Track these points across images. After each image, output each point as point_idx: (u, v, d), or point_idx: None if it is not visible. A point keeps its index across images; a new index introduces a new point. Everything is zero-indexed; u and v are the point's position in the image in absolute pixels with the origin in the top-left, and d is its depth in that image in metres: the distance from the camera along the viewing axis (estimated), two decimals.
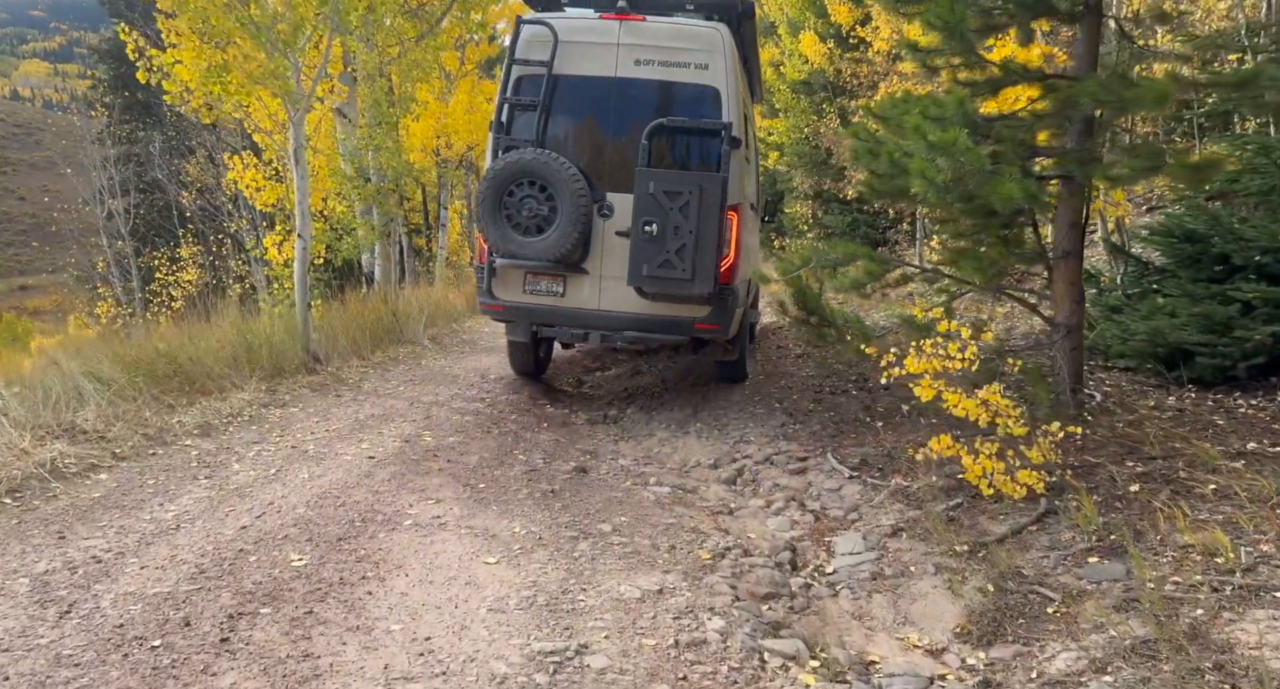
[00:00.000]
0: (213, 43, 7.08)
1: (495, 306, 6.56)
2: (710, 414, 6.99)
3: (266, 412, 6.41)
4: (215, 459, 5.15)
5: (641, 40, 6.20)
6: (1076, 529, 3.64)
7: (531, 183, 6.05)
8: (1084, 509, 3.64)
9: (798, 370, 8.37)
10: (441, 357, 9.58)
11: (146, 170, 19.48)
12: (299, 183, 8.05)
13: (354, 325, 9.57)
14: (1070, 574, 3.31)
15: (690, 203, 5.83)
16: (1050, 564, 3.43)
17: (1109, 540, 3.46)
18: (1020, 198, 4.12)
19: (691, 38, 6.20)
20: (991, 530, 3.85)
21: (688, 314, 6.22)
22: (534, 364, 7.81)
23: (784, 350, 9.71)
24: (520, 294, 6.47)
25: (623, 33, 6.22)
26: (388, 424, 6.13)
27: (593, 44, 6.25)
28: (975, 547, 3.68)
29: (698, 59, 6.15)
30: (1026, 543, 3.65)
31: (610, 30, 6.24)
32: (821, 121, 17.05)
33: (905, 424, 5.84)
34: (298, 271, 8.16)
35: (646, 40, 6.20)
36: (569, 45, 6.24)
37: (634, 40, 6.20)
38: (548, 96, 6.23)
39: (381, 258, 12.20)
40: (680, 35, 6.22)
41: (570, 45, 6.24)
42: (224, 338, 7.25)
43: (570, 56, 6.24)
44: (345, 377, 7.98)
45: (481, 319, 12.98)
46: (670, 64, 6.17)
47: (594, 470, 5.37)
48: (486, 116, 20.08)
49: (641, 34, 6.21)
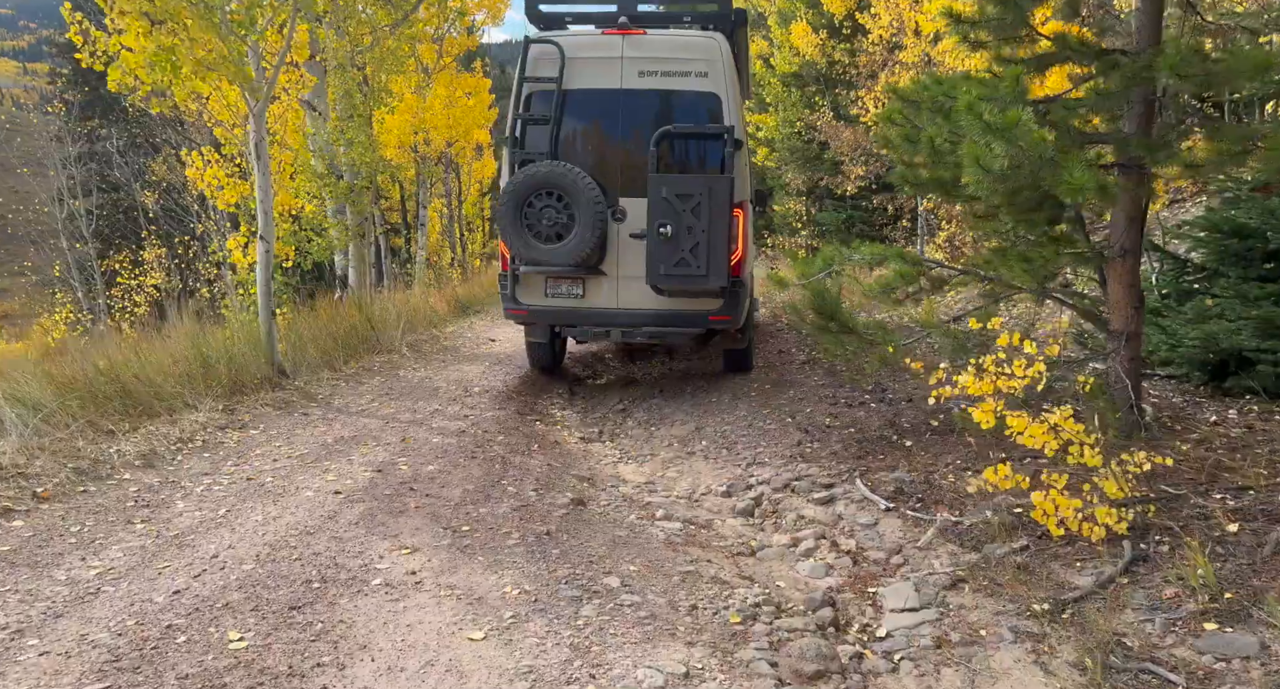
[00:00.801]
0: (159, 24, 6.37)
1: (520, 311, 6.94)
2: (716, 430, 6.37)
3: (222, 435, 5.72)
4: (156, 496, 4.47)
5: (644, 52, 6.54)
6: (1179, 583, 3.04)
7: (549, 193, 6.38)
8: (1189, 559, 3.04)
9: (806, 378, 7.77)
10: (421, 366, 8.90)
11: (109, 169, 18.59)
12: (260, 180, 7.35)
13: (325, 334, 8.87)
14: (1187, 646, 2.71)
15: (701, 204, 6.16)
16: (1157, 631, 2.83)
17: (1224, 600, 2.86)
18: (1092, 188, 3.52)
19: (691, 48, 6.54)
20: (1072, 582, 3.24)
21: (702, 307, 6.62)
22: (551, 359, 8.26)
23: (787, 356, 9.11)
24: (542, 298, 6.86)
25: (626, 46, 6.56)
26: (358, 449, 5.47)
27: (598, 58, 6.58)
28: (1058, 605, 3.08)
29: (698, 67, 6.49)
30: (1119, 600, 3.05)
31: (614, 45, 6.58)
32: (815, 114, 16.48)
33: (938, 443, 5.24)
34: (260, 277, 7.46)
35: (648, 52, 6.54)
36: (576, 61, 6.58)
37: (637, 53, 6.54)
38: (558, 110, 6.55)
39: (355, 260, 11.48)
40: (680, 46, 6.57)
41: (577, 61, 6.58)
42: (177, 352, 6.54)
43: (577, 71, 6.58)
44: (314, 392, 7.29)
45: (463, 324, 12.30)
46: (672, 73, 6.52)
47: (593, 502, 4.73)
48: (466, 111, 19.40)
49: (643, 47, 6.56)
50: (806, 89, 17.64)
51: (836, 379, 7.56)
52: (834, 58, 16.38)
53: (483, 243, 31.25)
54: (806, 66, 17.53)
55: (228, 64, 6.43)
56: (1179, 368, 5.71)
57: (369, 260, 11.50)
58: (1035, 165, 3.63)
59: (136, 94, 6.94)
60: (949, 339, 4.91)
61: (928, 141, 4.07)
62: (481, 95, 20.77)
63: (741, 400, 7.13)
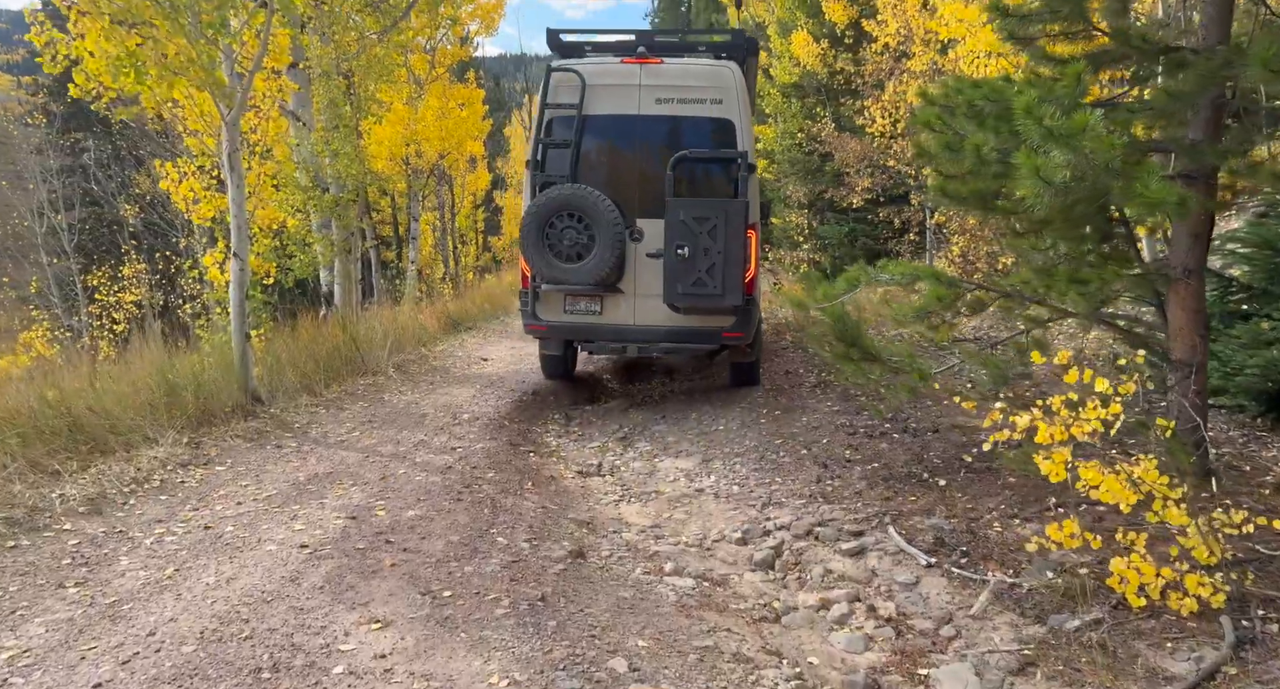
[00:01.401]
0: (122, 24, 5.88)
1: (539, 327, 7.21)
2: (725, 463, 5.86)
3: (184, 474, 5.19)
4: (98, 551, 3.93)
5: (661, 80, 6.79)
6: None
7: (570, 215, 6.62)
8: None
9: (818, 403, 7.27)
10: (408, 389, 8.38)
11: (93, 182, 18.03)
12: (234, 193, 6.84)
13: (305, 356, 8.34)
14: None
15: (717, 226, 6.41)
16: None
17: None
18: (1172, 202, 3.04)
19: (706, 76, 6.78)
20: (1167, 669, 2.74)
21: (716, 324, 6.85)
22: (564, 370, 8.57)
23: (796, 378, 8.61)
24: (561, 314, 7.11)
25: (643, 75, 6.80)
26: (333, 489, 4.94)
27: (617, 86, 6.82)
28: None
29: (712, 95, 6.73)
30: None
31: (632, 73, 6.81)
32: (816, 125, 16.08)
33: (974, 483, 4.73)
34: (234, 297, 6.95)
35: (665, 80, 6.79)
36: (595, 88, 6.81)
37: (654, 81, 6.79)
38: (578, 135, 6.79)
39: (341, 276, 10.97)
40: (695, 74, 6.81)
41: (596, 88, 6.81)
42: (139, 379, 6.01)
43: (597, 98, 6.81)
44: (290, 420, 6.77)
45: (454, 342, 11.78)
46: (688, 101, 6.77)
47: (593, 553, 4.21)
48: (459, 123, 18.93)
49: (660, 75, 6.79)
50: (807, 100, 17.23)
51: (852, 405, 7.05)
52: (836, 68, 15.98)
53: (476, 256, 30.76)
54: (807, 77, 17.13)
55: (196, 68, 5.94)
56: (1233, 398, 5.23)
57: (355, 276, 11.00)
58: (1101, 176, 3.14)
59: (100, 100, 6.43)
60: (988, 367, 4.41)
61: (972, 150, 3.59)
62: (475, 106, 20.33)
63: (751, 429, 6.62)
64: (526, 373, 9.55)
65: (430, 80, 18.87)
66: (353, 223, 10.62)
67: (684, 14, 51.94)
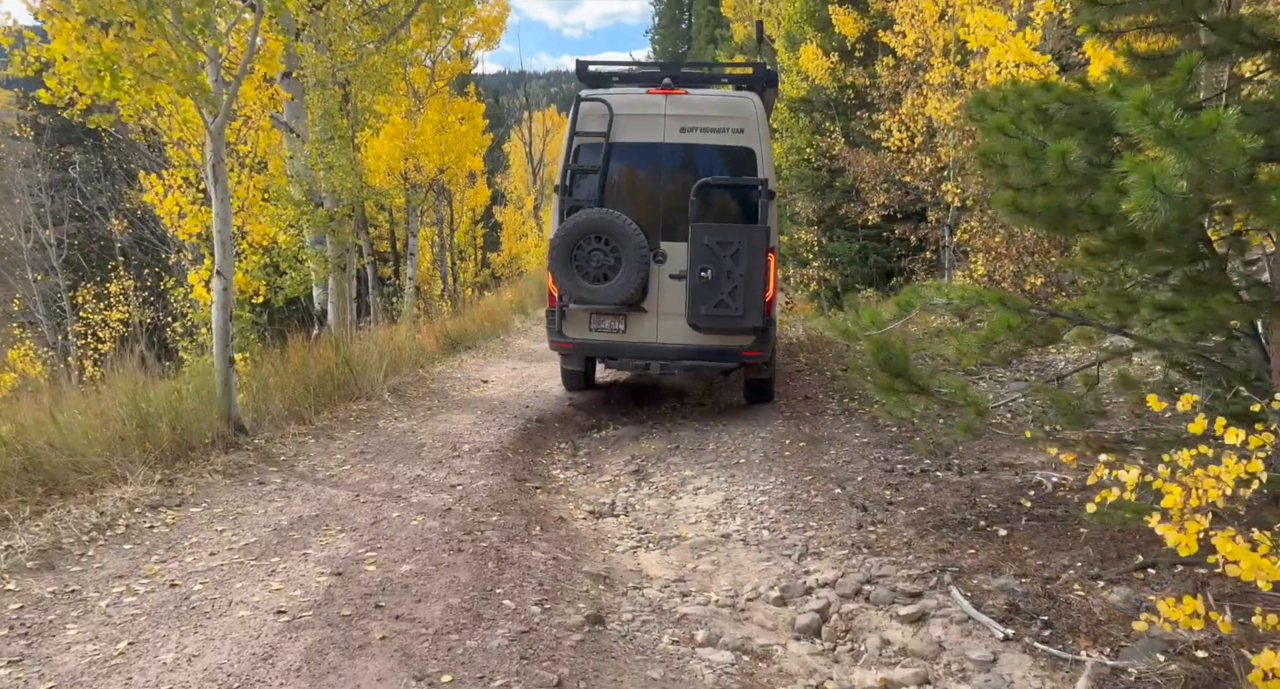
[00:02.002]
0: (96, 23, 5.41)
1: (565, 344, 7.44)
2: (750, 501, 5.34)
3: (153, 517, 4.66)
4: (44, 618, 3.40)
5: (685, 110, 7.03)
6: None
7: (598, 238, 6.85)
8: None
9: (846, 434, 6.76)
10: (404, 415, 7.87)
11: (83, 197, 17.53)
12: (218, 207, 6.35)
13: (295, 380, 7.82)
14: None
15: (740, 250, 6.65)
16: None
17: None
18: None
19: (728, 107, 7.00)
20: None
21: (736, 343, 7.06)
22: (583, 382, 8.78)
23: (816, 404, 8.10)
24: (587, 332, 7.33)
25: (669, 105, 7.05)
26: (319, 535, 4.41)
27: (643, 115, 7.07)
28: None
29: (734, 125, 6.94)
30: None
31: (658, 103, 7.07)
32: (825, 141, 15.68)
33: (1040, 533, 4.21)
34: (217, 319, 6.44)
35: (689, 110, 7.03)
36: (623, 117, 7.07)
37: (679, 111, 7.04)
38: (605, 161, 7.07)
39: (336, 294, 10.47)
40: (718, 105, 7.04)
41: (624, 117, 7.07)
42: (109, 409, 5.49)
43: (624, 126, 7.07)
44: (276, 452, 6.24)
45: (453, 363, 11.27)
46: (711, 130, 6.99)
47: (613, 617, 3.68)
48: (459, 137, 18.51)
49: (685, 105, 7.05)
50: (815, 115, 16.83)
51: (883, 436, 6.55)
52: (846, 82, 15.58)
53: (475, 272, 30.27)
54: (815, 91, 16.74)
55: (176, 71, 5.46)
56: None
57: (350, 294, 10.50)
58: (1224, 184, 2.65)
59: (74, 107, 5.95)
60: (1059, 405, 3.90)
61: (1057, 158, 3.11)
62: (475, 120, 19.92)
63: (775, 463, 6.11)
64: (529, 396, 9.04)
65: (430, 94, 18.48)
66: (348, 238, 10.14)
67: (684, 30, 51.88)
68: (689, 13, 50.44)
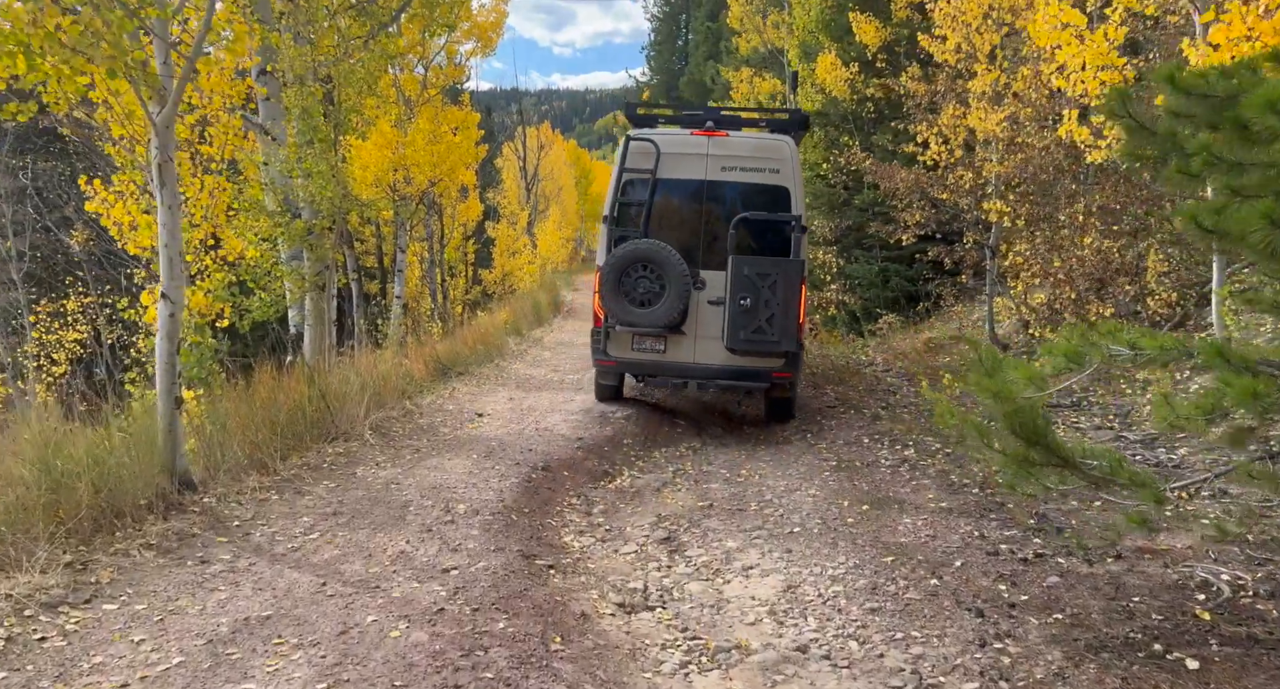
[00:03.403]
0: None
1: (609, 363, 7.94)
2: (820, 589, 4.25)
3: (49, 621, 3.52)
4: None
5: (726, 151, 7.61)
6: None
7: (644, 266, 7.37)
8: None
9: (914, 495, 5.68)
10: (387, 459, 6.76)
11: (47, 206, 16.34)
12: (163, 214, 5.25)
13: (260, 418, 6.69)
14: None
15: (777, 281, 7.15)
16: None
17: None
18: None
19: (766, 149, 7.62)
20: None
21: (768, 365, 7.54)
22: (616, 393, 8.92)
23: (865, 451, 7.02)
24: (629, 352, 7.85)
25: (711, 146, 7.64)
26: (266, 655, 3.28)
27: (687, 155, 7.65)
28: None
29: (771, 165, 7.56)
30: None
31: (701, 144, 7.67)
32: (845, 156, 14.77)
33: (1248, 665, 3.12)
34: (160, 350, 5.32)
35: (730, 151, 7.61)
36: (668, 156, 7.63)
37: (720, 152, 7.61)
38: (651, 196, 7.61)
39: (312, 316, 9.33)
40: (756, 147, 7.65)
41: (669, 156, 7.63)
42: (11, 471, 4.34)
43: (669, 164, 7.63)
44: (229, 514, 5.11)
45: (443, 392, 10.12)
46: (749, 169, 7.58)
47: None
48: (452, 148, 17.45)
49: (726, 146, 7.64)
50: (830, 129, 15.89)
51: (962, 498, 5.48)
52: (866, 94, 14.66)
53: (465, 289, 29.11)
54: (830, 104, 15.81)
55: (106, 45, 4.37)
56: None
57: (330, 316, 9.37)
58: None
59: None
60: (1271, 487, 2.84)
61: None
62: (469, 131, 18.86)
63: (839, 533, 5.03)
64: (531, 435, 7.93)
65: (421, 101, 17.46)
66: (327, 254, 9.04)
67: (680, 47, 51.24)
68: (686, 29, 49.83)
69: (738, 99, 20.91)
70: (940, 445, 6.67)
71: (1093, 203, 7.73)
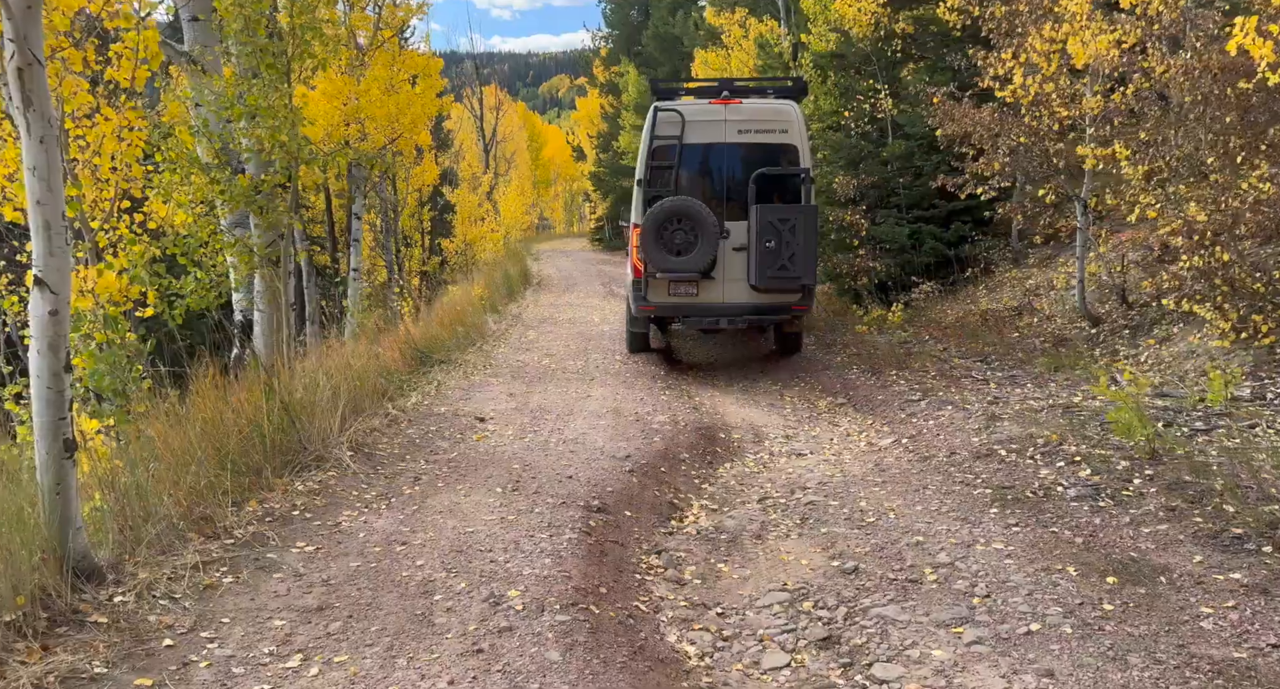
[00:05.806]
0: None
1: (649, 307, 8.99)
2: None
3: None
4: None
5: (741, 117, 8.78)
6: None
7: (679, 220, 8.43)
8: None
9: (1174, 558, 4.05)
10: (379, 497, 4.97)
11: None
12: (31, 151, 3.30)
13: (201, 448, 4.79)
14: None
15: (796, 225, 8.31)
16: None
17: None
18: None
19: (774, 113, 8.85)
20: None
21: (787, 300, 8.73)
22: (644, 344, 10.03)
23: (1009, 467, 5.37)
24: (666, 296, 8.87)
25: (727, 112, 8.78)
26: None
27: (708, 121, 8.76)
28: None
29: (780, 127, 8.75)
30: None
31: (719, 111, 8.80)
32: (867, 101, 13.04)
33: None
34: (37, 368, 3.40)
35: (744, 116, 8.79)
36: (691, 123, 8.71)
37: (736, 117, 8.77)
38: (679, 159, 8.73)
39: (265, 300, 7.33)
40: (766, 111, 8.88)
41: (693, 122, 8.72)
42: None
43: (693, 130, 8.73)
44: (150, 623, 3.29)
45: (429, 389, 8.21)
46: (762, 131, 8.78)
47: None
48: (412, 99, 15.24)
49: (740, 112, 8.80)
50: (847, 73, 14.10)
51: (1250, 562, 3.84)
52: (895, 30, 12.89)
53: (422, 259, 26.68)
54: (846, 45, 14.02)
55: None
56: None
57: (287, 299, 7.37)
58: None
59: None
60: None
61: None
62: (431, 80, 16.44)
63: (1114, 638, 3.37)
64: (559, 449, 6.18)
65: (374, 45, 15.18)
66: (281, 219, 7.01)
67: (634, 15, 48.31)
68: None
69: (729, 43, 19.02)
70: (1129, 463, 5.04)
71: (1264, 138, 6.17)
